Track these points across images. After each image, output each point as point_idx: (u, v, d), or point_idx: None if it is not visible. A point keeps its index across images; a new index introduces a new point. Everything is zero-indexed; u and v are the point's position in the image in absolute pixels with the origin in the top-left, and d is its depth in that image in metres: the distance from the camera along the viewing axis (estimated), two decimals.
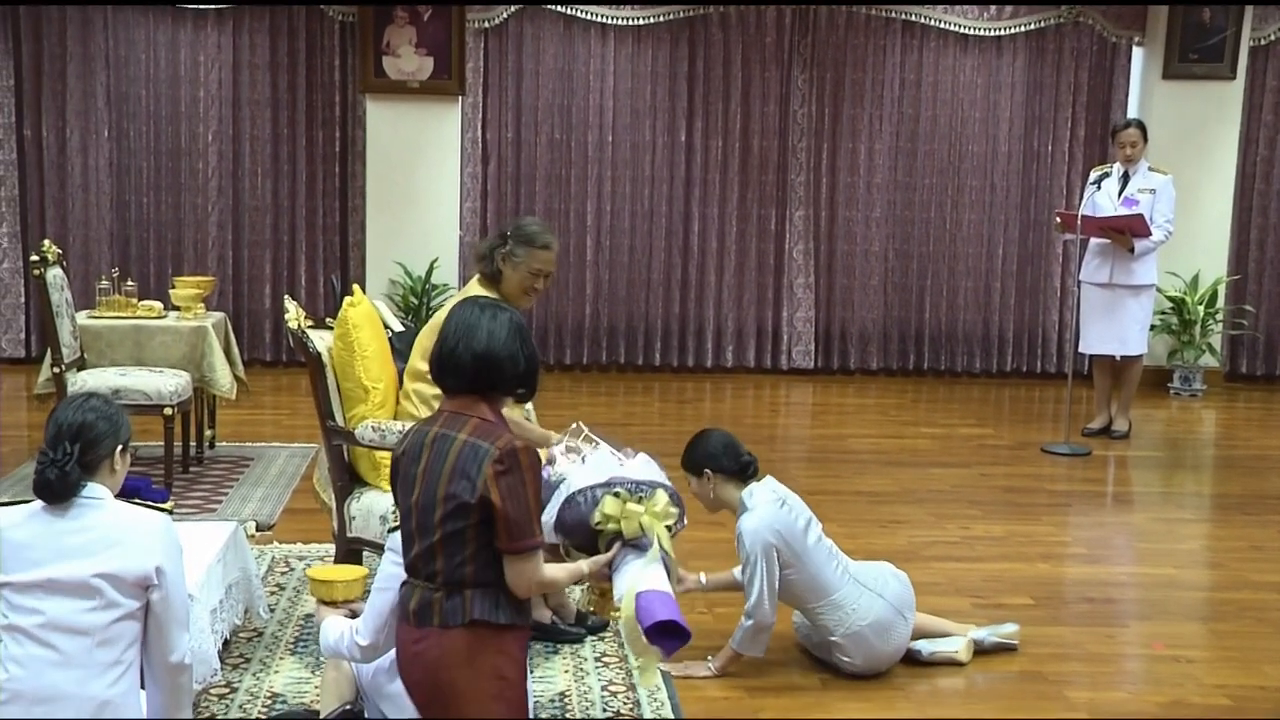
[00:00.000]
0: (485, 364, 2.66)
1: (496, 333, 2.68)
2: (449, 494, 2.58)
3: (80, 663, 2.53)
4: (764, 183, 8.91)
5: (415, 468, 2.66)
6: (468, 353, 2.66)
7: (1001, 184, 9.02)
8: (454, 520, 2.58)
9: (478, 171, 8.73)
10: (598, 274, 8.80)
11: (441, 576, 2.61)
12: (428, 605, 2.63)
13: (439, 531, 2.59)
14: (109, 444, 2.67)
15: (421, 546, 2.64)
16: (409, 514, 2.66)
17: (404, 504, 2.68)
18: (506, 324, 2.70)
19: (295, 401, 7.56)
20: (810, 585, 3.55)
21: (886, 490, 5.89)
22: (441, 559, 2.61)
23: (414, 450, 2.69)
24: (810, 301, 9.01)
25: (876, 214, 8.98)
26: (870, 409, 8.06)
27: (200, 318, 5.96)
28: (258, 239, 8.66)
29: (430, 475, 2.62)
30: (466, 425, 2.64)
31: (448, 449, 2.62)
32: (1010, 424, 7.73)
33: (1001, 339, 9.13)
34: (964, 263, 9.06)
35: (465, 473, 2.57)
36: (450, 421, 2.67)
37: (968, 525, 5.33)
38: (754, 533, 3.50)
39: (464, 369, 2.67)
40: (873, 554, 4.74)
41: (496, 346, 2.67)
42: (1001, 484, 6.12)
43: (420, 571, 2.65)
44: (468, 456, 2.59)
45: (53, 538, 2.58)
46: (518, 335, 2.71)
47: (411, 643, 2.65)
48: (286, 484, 5.63)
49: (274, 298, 8.63)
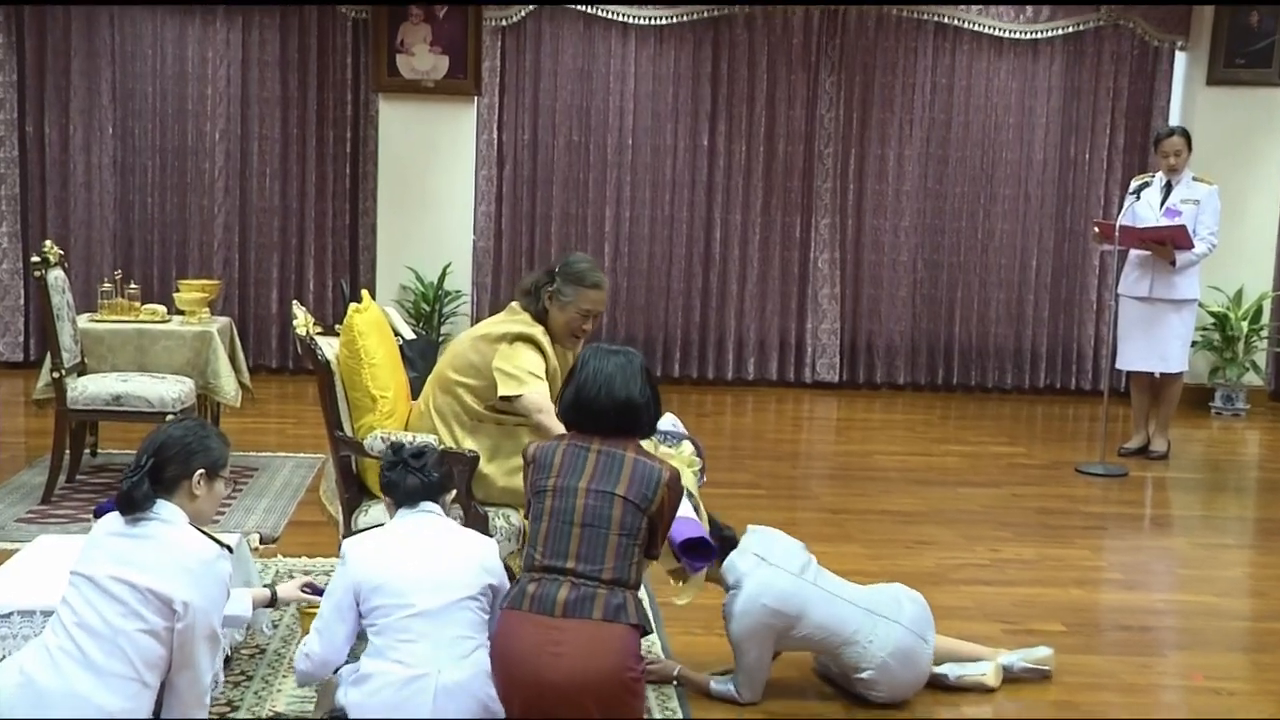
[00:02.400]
0: (626, 412, 3.02)
1: (633, 380, 3.03)
2: (629, 501, 2.92)
3: (98, 668, 2.61)
4: (789, 189, 8.91)
5: (576, 474, 2.96)
6: (609, 401, 3.01)
7: (1036, 192, 9.00)
8: (629, 525, 2.91)
9: (493, 174, 8.75)
10: (616, 282, 8.80)
11: (610, 573, 2.88)
12: (585, 598, 2.85)
13: (615, 534, 2.90)
14: (185, 466, 2.79)
15: (585, 543, 2.89)
16: (562, 516, 2.92)
17: (561, 505, 2.94)
18: (639, 373, 3.06)
19: (302, 410, 7.58)
20: (822, 634, 3.50)
21: (913, 510, 5.87)
22: (612, 558, 2.89)
23: (574, 459, 2.98)
24: (835, 313, 8.99)
25: (905, 223, 8.97)
26: (897, 425, 8.03)
27: (205, 322, 5.99)
28: (265, 241, 8.70)
29: (604, 482, 2.94)
30: (628, 446, 3.01)
31: (619, 462, 2.96)
32: (1043, 443, 7.69)
33: (1035, 354, 9.10)
34: (996, 274, 9.04)
35: (644, 486, 2.94)
36: (608, 444, 3.01)
37: (998, 547, 5.31)
38: (741, 619, 3.46)
39: (605, 416, 3.01)
40: (898, 576, 4.71)
41: (635, 395, 3.03)
42: (1034, 505, 6.09)
43: (573, 568, 2.88)
44: (643, 473, 2.96)
45: (115, 543, 2.74)
46: (646, 379, 3.06)
47: (552, 637, 2.82)
48: (292, 495, 5.63)
49: (281, 302, 8.67)
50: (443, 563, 3.03)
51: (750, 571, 3.48)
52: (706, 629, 4.06)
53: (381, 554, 3.04)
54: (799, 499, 5.93)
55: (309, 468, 6.11)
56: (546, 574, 2.91)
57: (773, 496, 5.84)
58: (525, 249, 8.86)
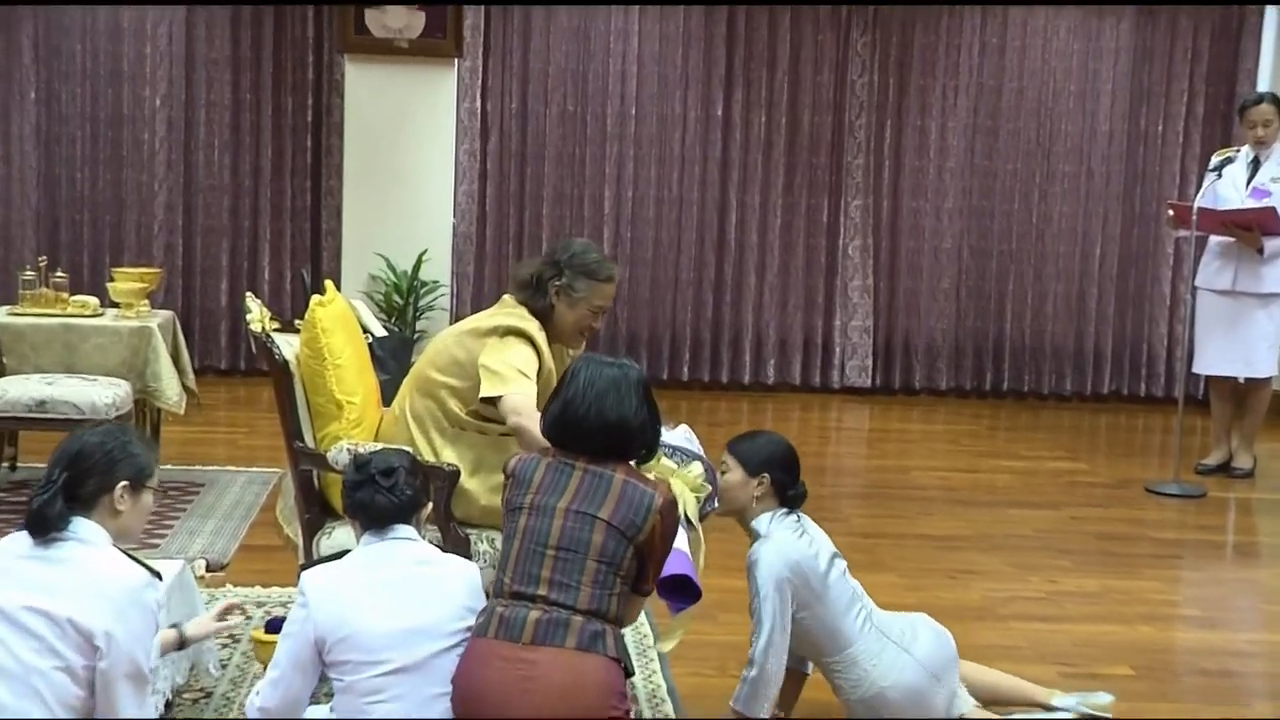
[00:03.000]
0: (618, 434, 3.03)
1: (628, 399, 3.04)
2: (613, 527, 2.94)
3: (7, 711, 2.58)
4: (815, 166, 8.91)
5: (556, 494, 2.99)
6: (599, 421, 3.02)
7: (1100, 170, 9.00)
8: (610, 552, 2.93)
9: (476, 149, 8.75)
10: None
11: (586, 602, 2.91)
12: (558, 624, 2.88)
13: (593, 562, 2.92)
14: (106, 477, 2.76)
15: (558, 569, 2.92)
16: (537, 538, 2.96)
17: (535, 525, 2.98)
18: (635, 388, 3.06)
19: (255, 418, 7.58)
20: (825, 632, 3.54)
21: (957, 534, 5.87)
22: (589, 585, 2.92)
23: (555, 476, 3.01)
24: (868, 308, 8.99)
25: (949, 205, 8.97)
26: (938, 436, 8.03)
27: (144, 317, 5.99)
28: (213, 224, 8.71)
29: (585, 503, 2.96)
30: (618, 468, 3.02)
31: (606, 483, 2.98)
32: (1108, 457, 7.68)
33: (1098, 356, 9.10)
34: (1054, 264, 9.04)
35: (631, 511, 2.96)
36: (595, 463, 3.02)
37: (1055, 578, 5.31)
38: (769, 565, 3.51)
39: (594, 437, 3.02)
40: (939, 610, 4.70)
41: (629, 416, 3.04)
42: (1096, 529, 6.09)
43: (544, 594, 2.91)
44: (633, 497, 2.97)
45: (26, 568, 2.70)
46: (646, 401, 3.07)
47: (522, 670, 2.84)
48: (244, 516, 5.63)
49: (232, 294, 8.67)
50: (421, 604, 2.99)
51: (786, 529, 3.54)
52: (720, 670, 4.06)
53: (348, 594, 2.99)
54: (826, 521, 5.89)
55: (263, 484, 6.10)
56: (515, 600, 2.93)
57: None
58: (513, 234, 8.86)
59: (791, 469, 3.64)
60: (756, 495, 3.60)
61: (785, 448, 3.67)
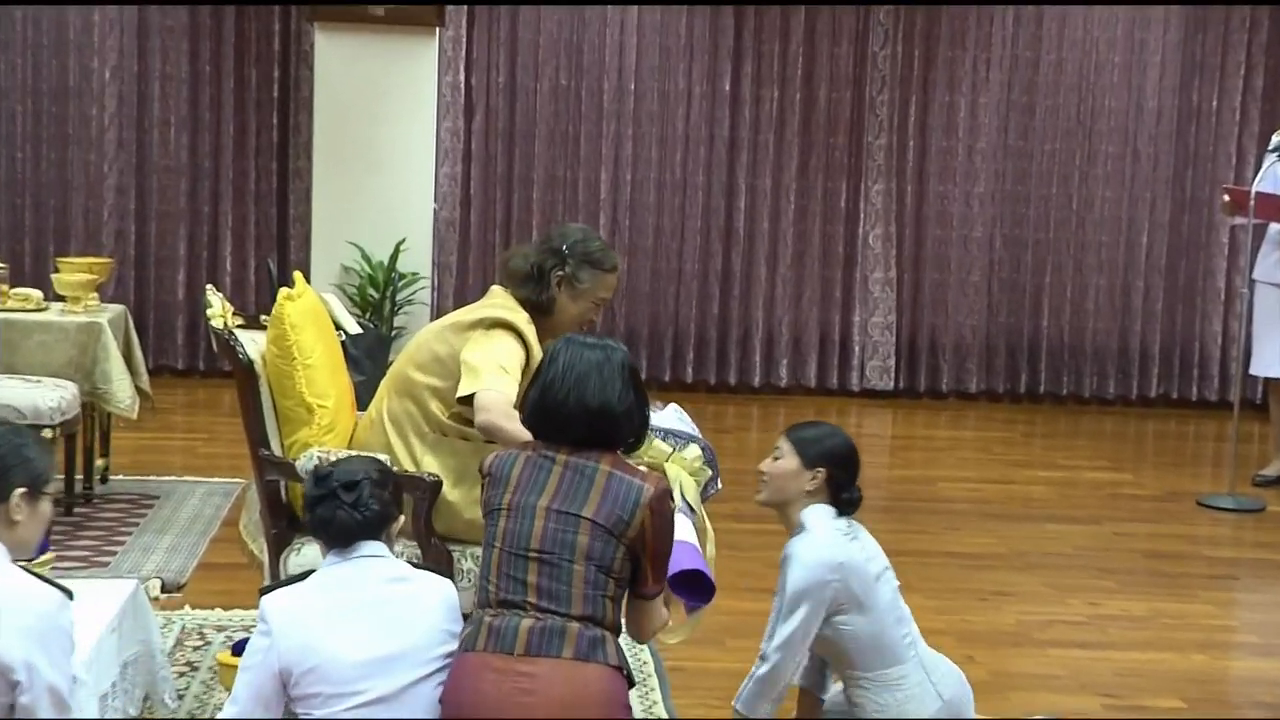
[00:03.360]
0: (601, 421, 3.02)
1: (611, 383, 3.03)
2: (598, 525, 2.94)
3: None
4: (832, 147, 8.90)
5: (535, 492, 2.99)
6: (580, 408, 3.00)
7: (1148, 150, 8.99)
8: (600, 554, 2.94)
9: (459, 127, 8.75)
10: None
11: (580, 608, 2.92)
12: (553, 632, 2.89)
13: (581, 566, 2.92)
14: (0, 485, 2.72)
15: (544, 575, 2.93)
16: (517, 540, 2.97)
17: (514, 528, 2.99)
18: (619, 371, 3.05)
19: (216, 423, 7.57)
20: (867, 644, 3.53)
21: (989, 552, 5.87)
22: (580, 590, 2.92)
23: (533, 472, 3.01)
24: (890, 302, 8.99)
25: (980, 189, 8.97)
26: (968, 444, 8.02)
27: (93, 311, 5.98)
28: (169, 209, 8.70)
29: (568, 501, 2.96)
30: (603, 458, 3.01)
31: (589, 477, 2.98)
32: (1155, 467, 7.67)
33: (1145, 355, 9.09)
34: (1096, 254, 9.03)
35: (618, 507, 2.95)
36: (579, 453, 3.02)
37: (1097, 601, 5.30)
38: (807, 560, 3.49)
39: (575, 424, 3.01)
40: (970, 635, 4.69)
41: (613, 401, 3.02)
42: (1143, 547, 6.09)
43: (534, 602, 2.93)
44: (618, 491, 2.97)
45: None
46: (632, 385, 3.07)
47: (519, 684, 2.85)
48: (202, 531, 5.62)
49: (190, 286, 8.66)
50: (395, 628, 2.98)
51: (834, 530, 3.52)
52: (726, 700, 4.06)
53: (315, 620, 2.97)
54: None
55: (225, 495, 6.11)
56: (504, 609, 2.94)
57: None
58: (500, 221, 8.86)
59: (851, 468, 3.64)
60: (808, 489, 3.59)
61: (848, 444, 3.66)
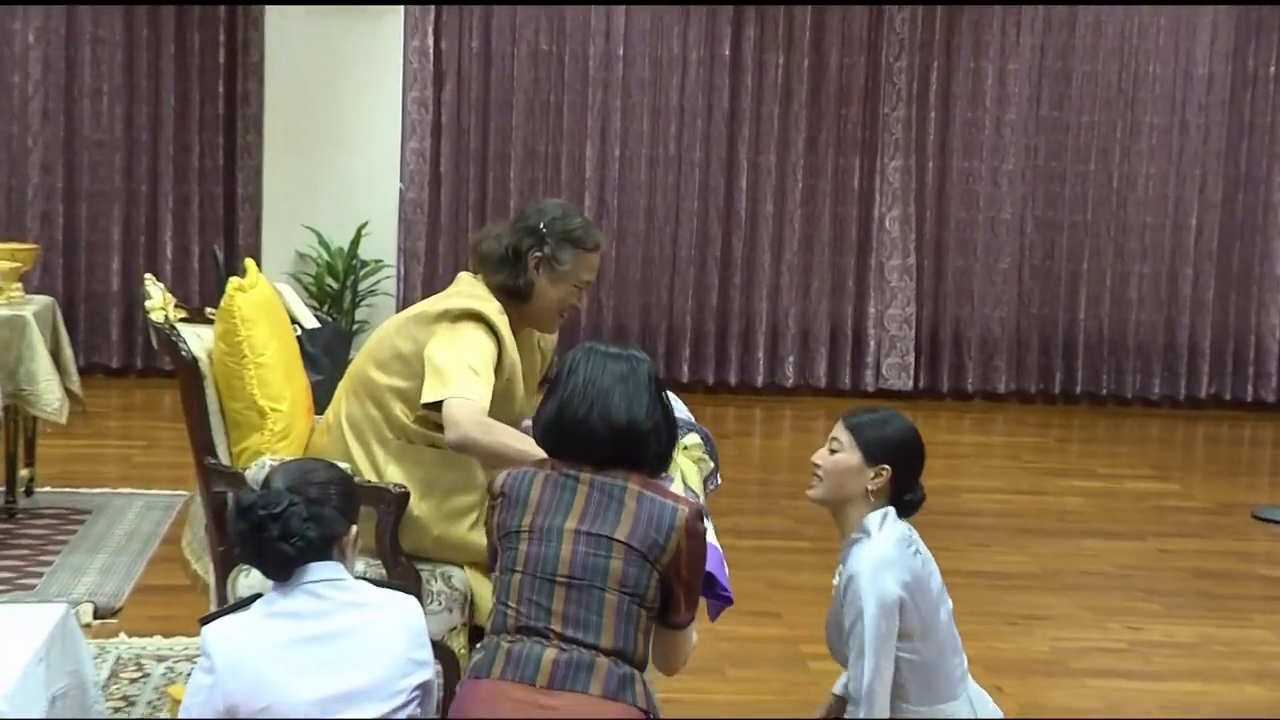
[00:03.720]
0: (627, 440, 3.03)
1: (638, 398, 3.05)
2: (633, 549, 2.96)
3: None
4: (845, 119, 8.92)
5: (560, 513, 3.00)
6: (604, 425, 3.02)
7: (1198, 121, 9.01)
8: (634, 581, 2.96)
9: (427, 97, 8.75)
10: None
11: (610, 641, 2.94)
12: (580, 666, 2.91)
13: (614, 594, 2.96)
14: None
15: (573, 602, 2.95)
16: (542, 565, 2.99)
17: (539, 551, 3.00)
18: (646, 384, 3.08)
19: (155, 428, 7.57)
20: (927, 674, 3.50)
21: (1019, 571, 5.87)
22: (611, 621, 2.95)
23: (558, 494, 3.02)
24: (909, 292, 9.01)
25: (1009, 165, 8.98)
26: (996, 450, 8.03)
27: (15, 304, 5.97)
28: (103, 189, 8.69)
29: (597, 523, 2.99)
30: (630, 477, 3.03)
31: (618, 498, 3.00)
32: (1206, 476, 7.68)
33: (1193, 351, 9.11)
34: (1138, 238, 9.05)
35: (652, 529, 2.98)
36: (601, 472, 3.03)
37: (1140, 626, 5.31)
38: (880, 575, 3.43)
39: (597, 443, 3.02)
40: (998, 665, 4.70)
41: (640, 418, 3.04)
42: (1192, 565, 6.09)
43: (559, 630, 2.94)
44: (651, 513, 2.99)
45: None
46: (657, 394, 3.09)
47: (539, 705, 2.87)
48: (140, 549, 5.61)
49: (126, 276, 8.67)
50: (355, 660, 2.96)
51: (898, 539, 3.47)
52: None
53: (264, 655, 2.93)
54: None
55: (165, 510, 6.09)
56: (525, 635, 2.95)
57: (819, 551, 5.82)
58: (474, 202, 8.86)
59: (917, 464, 3.60)
60: (871, 489, 3.54)
61: (914, 435, 3.60)
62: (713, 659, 4.52)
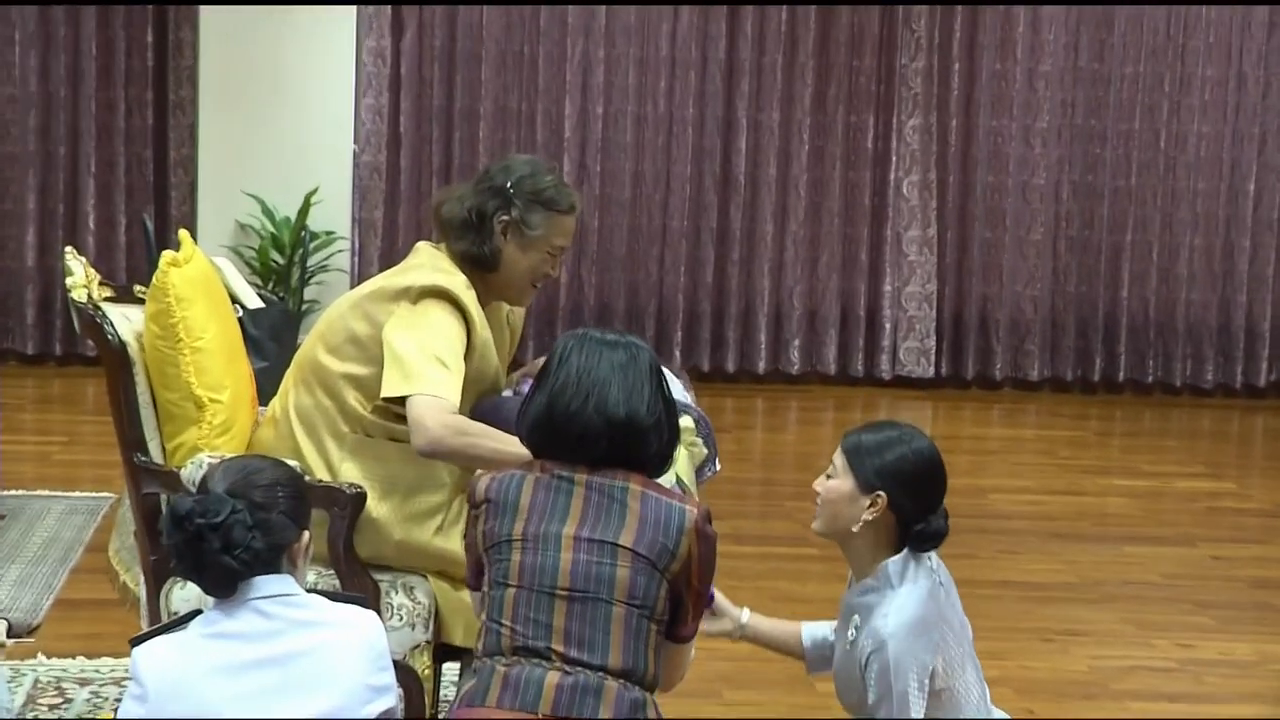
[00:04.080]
0: (625, 436, 3.02)
1: (639, 389, 3.04)
2: (640, 556, 2.96)
3: None
4: (857, 71, 8.92)
5: (556, 519, 2.99)
6: (600, 419, 3.00)
7: (1255, 74, 9.02)
8: (643, 592, 2.96)
9: (384, 46, 8.73)
10: (582, 220, 8.80)
11: (619, 661, 2.94)
12: (587, 690, 2.90)
13: (622, 606, 2.95)
14: None
15: (576, 618, 2.95)
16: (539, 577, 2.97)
17: (535, 561, 2.98)
18: (647, 375, 3.07)
19: (78, 423, 7.55)
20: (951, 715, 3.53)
21: (1054, 581, 5.89)
22: (620, 638, 2.94)
23: (552, 497, 3.02)
24: (930, 267, 9.02)
25: (1042, 124, 8.99)
26: (1027, 445, 8.05)
27: None
28: (13, 151, 8.68)
29: (599, 528, 2.98)
30: (630, 477, 3.03)
31: (620, 500, 3.00)
32: (1264, 475, 7.71)
33: (1251, 333, 9.13)
34: (1188, 205, 9.07)
35: (660, 534, 2.98)
36: (597, 473, 3.02)
37: (1190, 642, 5.33)
38: (914, 649, 3.40)
39: (592, 440, 3.01)
40: (1030, 685, 4.71)
41: (641, 412, 3.03)
42: (1249, 574, 6.11)
43: (561, 651, 2.94)
44: (658, 514, 2.99)
45: None
46: (659, 388, 3.08)
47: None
48: (60, 558, 5.62)
49: (42, 250, 8.66)
50: (307, 687, 2.95)
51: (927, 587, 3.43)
52: None
53: (201, 683, 2.92)
54: None
55: (89, 514, 6.09)
56: (522, 656, 2.94)
57: (828, 559, 5.79)
58: (437, 166, 8.85)
59: (924, 492, 3.47)
60: (866, 519, 3.48)
61: (919, 456, 3.47)
62: (707, 680, 4.52)
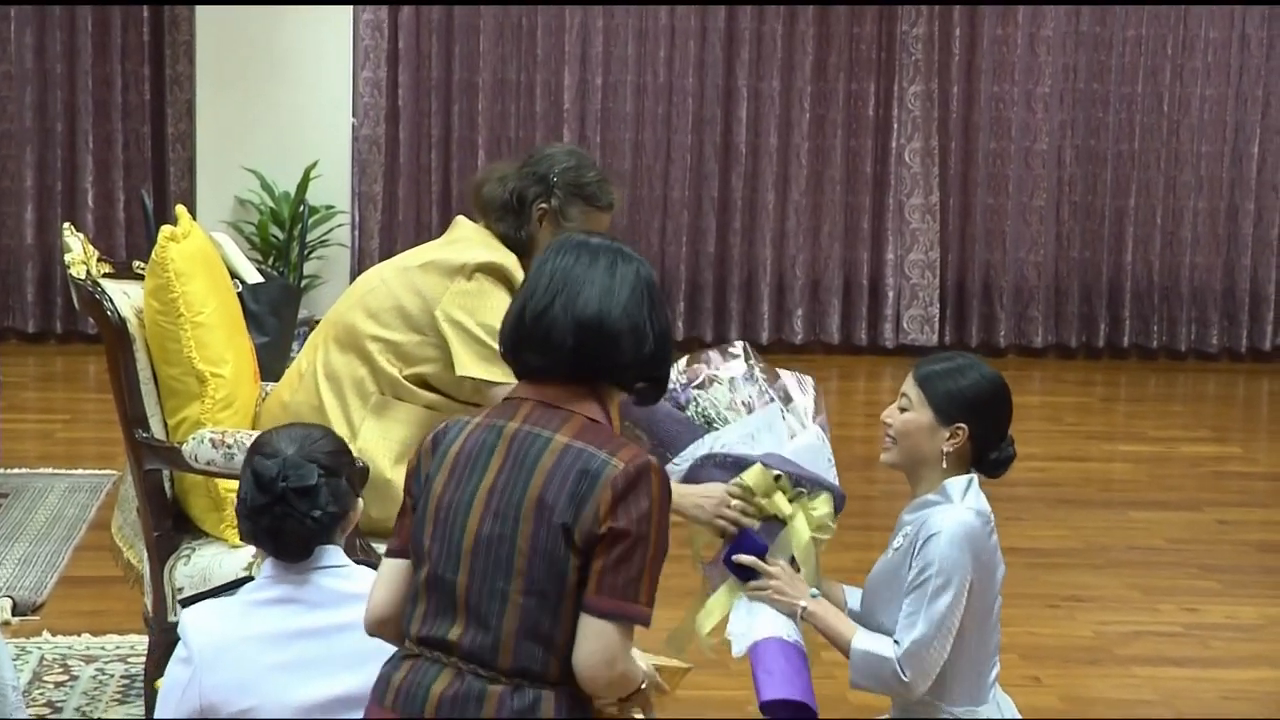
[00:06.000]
0: (595, 337, 2.78)
1: (615, 290, 2.81)
2: (543, 506, 2.70)
3: None
4: (857, 37, 8.91)
5: (473, 480, 2.77)
6: (568, 317, 2.78)
7: (1259, 35, 8.99)
8: (542, 570, 2.69)
9: (382, 19, 8.72)
10: None
11: (509, 658, 2.70)
12: (469, 698, 2.68)
13: (520, 577, 2.70)
14: None
15: (475, 593, 2.72)
16: (447, 550, 2.76)
17: (442, 534, 2.77)
18: (632, 279, 2.83)
19: (79, 400, 7.57)
20: (968, 668, 3.53)
21: (1059, 547, 5.91)
22: (513, 628, 2.70)
23: (473, 452, 2.79)
24: (932, 234, 9.01)
25: (1044, 88, 8.98)
26: (1033, 411, 8.05)
27: None
28: (10, 129, 8.67)
29: (507, 492, 2.74)
30: (567, 422, 2.77)
31: (537, 453, 2.73)
32: (1270, 438, 7.72)
33: (1256, 297, 9.12)
34: (1193, 169, 9.06)
35: (571, 492, 2.69)
36: (539, 416, 2.79)
37: (1196, 606, 5.34)
38: (959, 544, 3.43)
39: (559, 341, 2.78)
40: (1038, 652, 4.73)
41: (613, 311, 2.79)
42: (1256, 538, 6.13)
43: (456, 640, 2.73)
44: (572, 468, 2.71)
45: None
46: (646, 298, 2.84)
47: None
48: (64, 536, 5.64)
49: (41, 227, 8.66)
50: (349, 661, 2.88)
51: (979, 513, 3.44)
52: None
53: (250, 650, 2.91)
54: (880, 532, 5.90)
55: (91, 492, 6.11)
56: (425, 649, 2.76)
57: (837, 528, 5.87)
58: (437, 139, 8.85)
59: (1000, 419, 3.52)
60: (946, 450, 3.51)
61: (994, 385, 3.51)
62: (716, 648, 4.52)
